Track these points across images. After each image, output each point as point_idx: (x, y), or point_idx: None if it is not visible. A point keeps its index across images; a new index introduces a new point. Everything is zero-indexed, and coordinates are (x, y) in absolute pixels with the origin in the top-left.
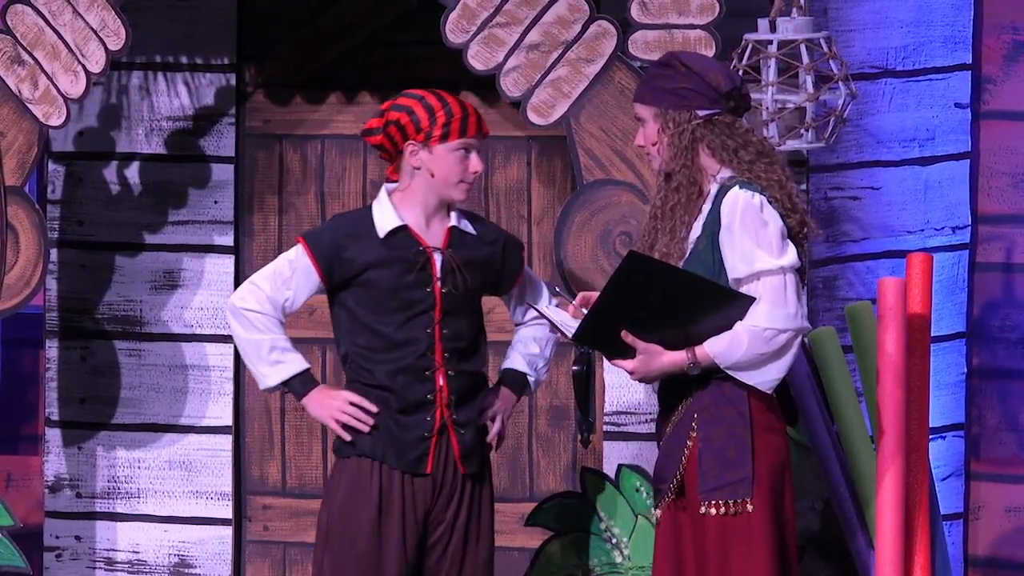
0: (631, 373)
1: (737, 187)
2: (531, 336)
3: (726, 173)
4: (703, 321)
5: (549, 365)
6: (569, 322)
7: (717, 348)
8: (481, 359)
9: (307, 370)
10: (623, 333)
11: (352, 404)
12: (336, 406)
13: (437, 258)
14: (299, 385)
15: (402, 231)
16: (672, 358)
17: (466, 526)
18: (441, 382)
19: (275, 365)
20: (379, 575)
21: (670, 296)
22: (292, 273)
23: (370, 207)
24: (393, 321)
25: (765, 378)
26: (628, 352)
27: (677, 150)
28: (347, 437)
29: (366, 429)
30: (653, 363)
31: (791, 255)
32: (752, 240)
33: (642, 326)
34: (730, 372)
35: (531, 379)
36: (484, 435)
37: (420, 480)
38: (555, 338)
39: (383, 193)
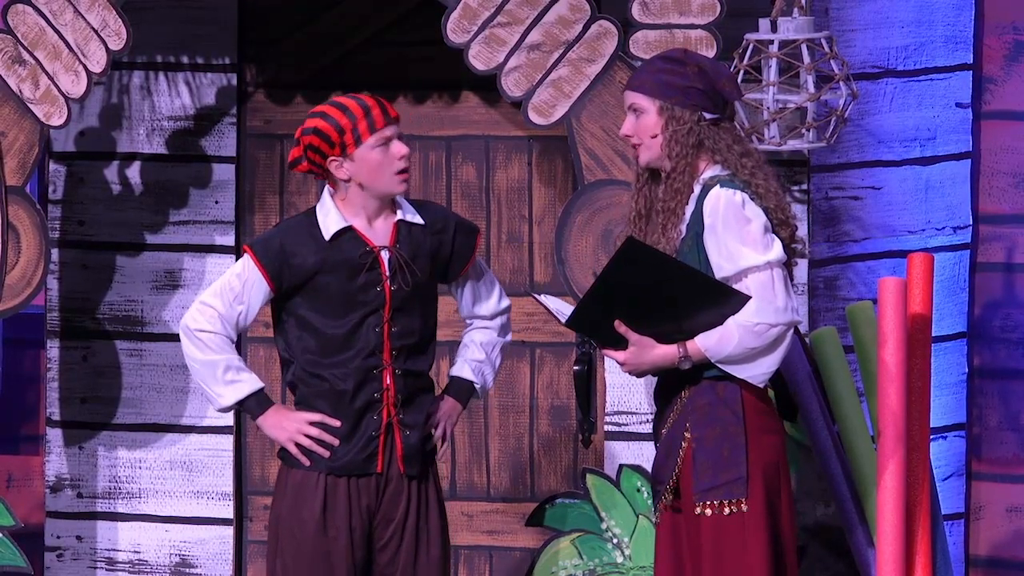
0: (622, 365)
1: (718, 186)
2: (478, 341)
3: (708, 173)
4: (697, 316)
5: (497, 370)
6: (564, 309)
7: (708, 342)
8: (428, 358)
9: (262, 389)
10: (616, 323)
11: (312, 424)
12: (294, 428)
13: (384, 256)
14: (255, 405)
15: (347, 232)
16: (663, 351)
17: (416, 526)
18: (388, 381)
19: (230, 385)
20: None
21: (665, 287)
22: (242, 286)
23: (314, 210)
24: (343, 323)
25: (757, 371)
26: (621, 343)
27: (683, 148)
28: (306, 462)
29: (327, 454)
30: (645, 356)
31: (776, 250)
32: (736, 238)
33: (636, 317)
34: (721, 366)
35: (477, 386)
36: (428, 438)
37: (365, 480)
38: (504, 342)
39: (326, 195)
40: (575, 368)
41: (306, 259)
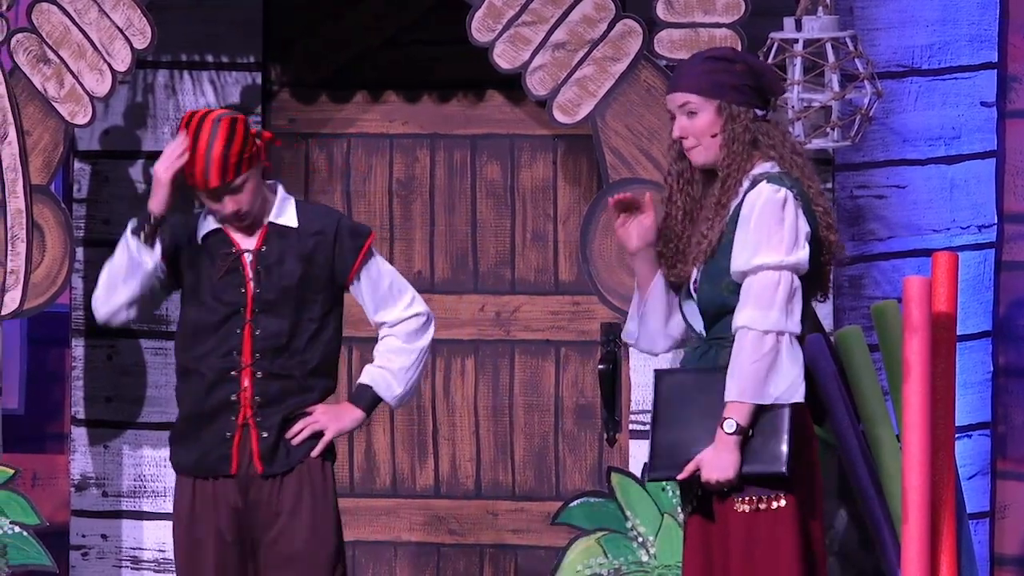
0: (717, 480)
1: (766, 182)
2: (382, 349)
3: (759, 169)
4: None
5: (413, 377)
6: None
7: (731, 392)
8: (305, 360)
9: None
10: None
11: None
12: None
13: (248, 258)
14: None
15: (216, 233)
16: (720, 440)
17: (274, 525)
18: (246, 383)
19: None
20: None
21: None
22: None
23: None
24: (209, 319)
25: (780, 390)
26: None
27: (740, 146)
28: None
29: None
30: (714, 459)
31: (798, 256)
32: (763, 234)
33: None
34: (765, 401)
35: (378, 391)
36: (285, 436)
37: (229, 481)
38: (412, 348)
39: None
40: (600, 367)
41: (180, 244)
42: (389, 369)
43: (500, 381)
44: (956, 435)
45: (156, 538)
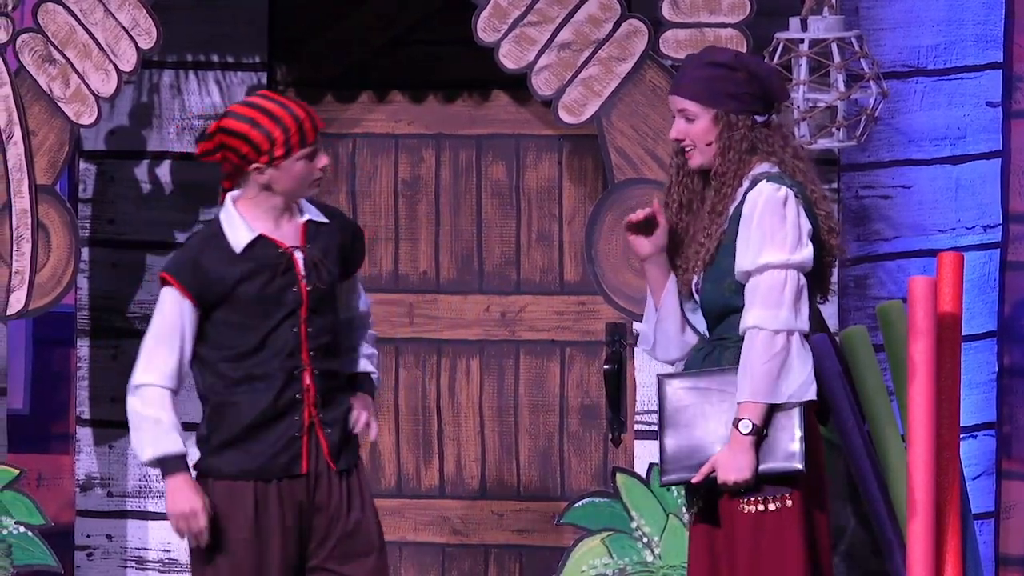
0: (734, 481)
1: (765, 181)
2: (365, 338)
3: (758, 170)
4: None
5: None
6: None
7: (743, 393)
8: (341, 358)
9: (184, 454)
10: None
11: (199, 516)
12: (189, 508)
13: (299, 256)
14: (172, 465)
15: (259, 240)
16: (735, 441)
17: (348, 517)
18: (308, 381)
19: (158, 440)
20: None
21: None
22: (179, 320)
23: (219, 221)
24: (261, 327)
25: (792, 389)
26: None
27: (736, 154)
28: (182, 538)
29: (193, 545)
30: (730, 460)
31: (802, 254)
32: (766, 233)
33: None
34: (778, 400)
35: (375, 377)
36: (350, 431)
37: (295, 481)
38: (376, 335)
39: (229, 204)
40: (605, 367)
41: (224, 273)
42: (376, 355)
43: (505, 381)
44: (961, 435)
45: (161, 538)
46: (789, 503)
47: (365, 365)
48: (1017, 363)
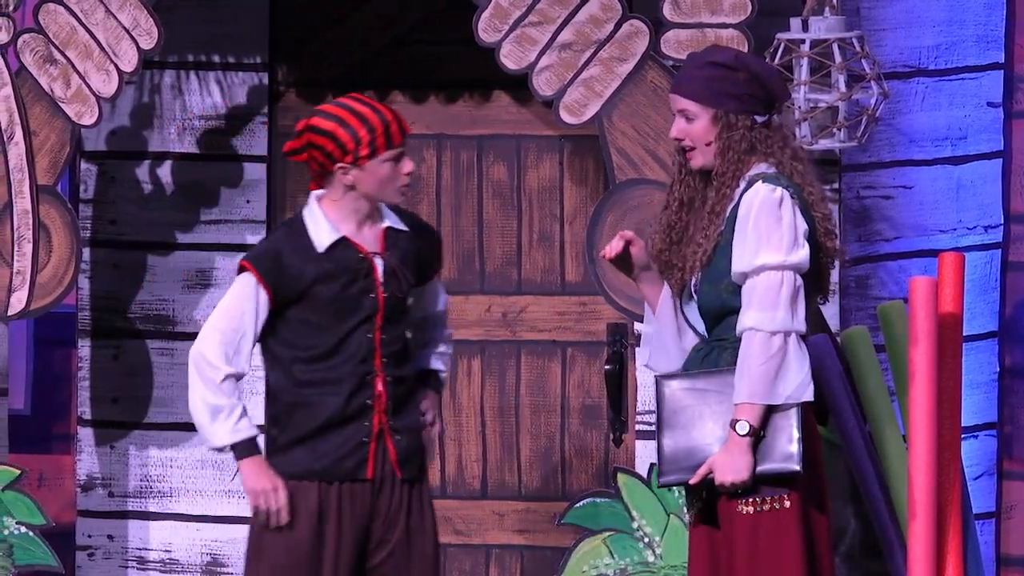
0: (731, 482)
1: (761, 181)
2: (442, 336)
3: (755, 171)
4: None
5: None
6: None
7: (740, 394)
8: (412, 364)
9: (255, 437)
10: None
11: (280, 492)
12: (270, 486)
13: (378, 263)
14: (244, 449)
15: (341, 242)
16: (733, 442)
17: (408, 525)
18: (380, 388)
19: (228, 426)
20: None
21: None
22: (250, 305)
23: (302, 219)
24: (336, 330)
25: (789, 390)
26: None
27: (735, 154)
28: (260, 517)
29: (274, 522)
30: (728, 462)
31: (798, 255)
32: (762, 234)
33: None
34: (774, 402)
35: (443, 376)
36: (420, 440)
37: (359, 485)
38: (451, 333)
39: (313, 203)
40: (606, 367)
41: (303, 271)
42: (448, 355)
43: (506, 381)
44: (962, 435)
45: (162, 538)
46: (787, 504)
47: (436, 363)
48: (1018, 363)
